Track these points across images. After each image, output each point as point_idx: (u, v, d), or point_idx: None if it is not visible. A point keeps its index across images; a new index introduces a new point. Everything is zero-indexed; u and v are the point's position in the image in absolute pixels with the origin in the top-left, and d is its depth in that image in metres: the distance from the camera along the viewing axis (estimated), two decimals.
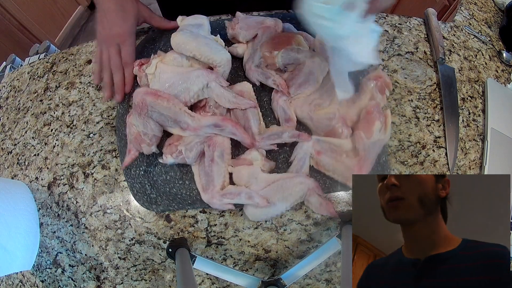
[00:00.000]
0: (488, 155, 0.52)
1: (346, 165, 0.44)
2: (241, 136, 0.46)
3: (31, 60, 0.68)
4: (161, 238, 0.48)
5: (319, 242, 0.48)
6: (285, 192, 0.43)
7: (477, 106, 0.57)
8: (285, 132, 0.46)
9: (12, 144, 0.58)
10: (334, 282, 0.47)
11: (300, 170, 0.46)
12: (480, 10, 0.70)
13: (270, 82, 0.50)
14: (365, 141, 0.44)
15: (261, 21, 0.54)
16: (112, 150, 0.53)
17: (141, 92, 0.45)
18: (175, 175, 0.48)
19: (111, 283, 0.48)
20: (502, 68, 0.62)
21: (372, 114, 0.45)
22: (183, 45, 0.48)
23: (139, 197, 0.47)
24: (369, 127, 0.44)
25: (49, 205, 0.52)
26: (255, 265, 0.48)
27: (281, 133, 0.46)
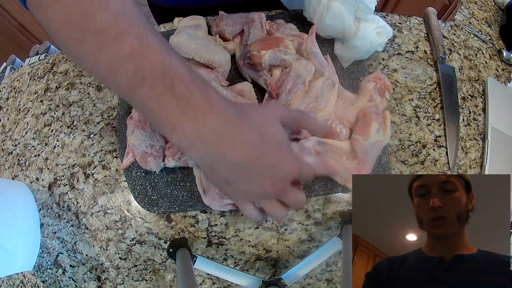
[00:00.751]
0: (488, 154, 0.52)
1: (346, 167, 0.44)
2: None
3: (31, 61, 0.68)
4: (162, 238, 0.48)
5: (319, 242, 0.48)
6: None
7: (477, 105, 0.57)
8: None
9: (12, 145, 0.58)
10: (335, 282, 0.47)
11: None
12: (480, 9, 0.70)
13: (261, 81, 0.50)
14: (363, 143, 0.43)
15: (246, 15, 0.54)
16: (112, 151, 0.53)
17: None
18: (176, 177, 0.48)
19: (112, 283, 0.48)
20: (502, 67, 0.62)
21: (368, 115, 0.45)
22: (181, 47, 0.47)
23: (140, 199, 0.47)
24: (365, 129, 0.44)
25: (49, 206, 0.52)
26: (256, 265, 0.48)
27: None
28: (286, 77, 0.48)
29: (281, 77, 0.49)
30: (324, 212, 0.48)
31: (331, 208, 0.48)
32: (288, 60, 0.49)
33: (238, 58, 0.54)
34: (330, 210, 0.48)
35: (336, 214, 0.48)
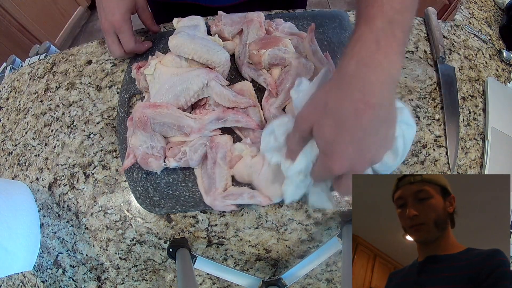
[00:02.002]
0: (488, 154, 0.52)
1: None
2: (245, 121, 0.46)
3: (31, 61, 0.68)
4: (162, 238, 0.48)
5: (319, 242, 0.48)
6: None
7: (477, 105, 0.57)
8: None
9: (12, 145, 0.58)
10: (335, 282, 0.47)
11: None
12: (480, 9, 0.70)
13: (261, 80, 0.50)
14: None
15: (244, 15, 0.55)
16: (112, 151, 0.53)
17: (139, 108, 0.44)
18: (177, 177, 0.48)
19: (112, 283, 0.48)
20: (502, 67, 0.62)
21: None
22: (180, 47, 0.47)
23: (142, 200, 0.47)
24: None
25: (49, 206, 0.52)
26: (256, 265, 0.48)
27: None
28: (286, 76, 0.48)
29: (281, 76, 0.49)
30: (324, 212, 0.48)
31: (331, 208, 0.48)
32: (287, 58, 0.49)
33: (238, 58, 0.54)
34: (330, 210, 0.48)
35: (336, 214, 0.48)
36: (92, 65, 0.61)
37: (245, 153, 0.45)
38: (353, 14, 0.62)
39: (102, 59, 0.62)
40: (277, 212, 0.48)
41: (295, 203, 0.48)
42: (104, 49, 0.63)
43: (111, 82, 0.59)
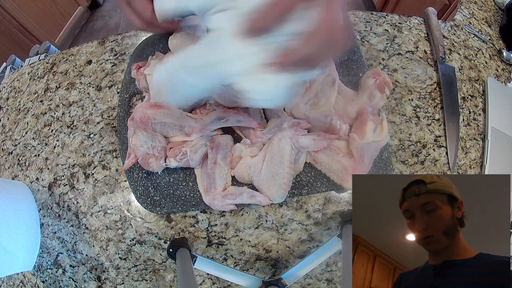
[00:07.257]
0: (488, 154, 0.52)
1: (342, 165, 0.44)
2: (246, 120, 0.46)
3: (31, 61, 0.68)
4: (162, 238, 0.48)
5: (319, 242, 0.48)
6: (277, 158, 0.43)
7: (477, 105, 0.57)
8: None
9: (12, 145, 0.58)
10: (335, 282, 0.47)
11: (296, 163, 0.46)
12: (480, 9, 0.70)
13: None
14: (358, 141, 0.43)
15: None
16: (112, 151, 0.53)
17: (141, 108, 0.44)
18: (178, 177, 0.48)
19: (112, 283, 0.48)
20: (502, 67, 0.62)
21: (364, 115, 0.45)
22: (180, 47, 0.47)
23: (142, 200, 0.47)
24: (361, 128, 0.44)
25: (49, 206, 0.52)
26: (256, 265, 0.48)
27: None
28: None
29: None
30: (324, 212, 0.48)
31: (331, 208, 0.48)
32: None
33: None
34: (330, 210, 0.48)
35: (336, 214, 0.48)
36: (92, 65, 0.61)
37: (244, 153, 0.45)
38: (353, 14, 0.62)
39: (102, 59, 0.62)
40: (277, 212, 0.48)
41: (295, 203, 0.48)
42: (104, 49, 0.63)
43: (111, 82, 0.59)
